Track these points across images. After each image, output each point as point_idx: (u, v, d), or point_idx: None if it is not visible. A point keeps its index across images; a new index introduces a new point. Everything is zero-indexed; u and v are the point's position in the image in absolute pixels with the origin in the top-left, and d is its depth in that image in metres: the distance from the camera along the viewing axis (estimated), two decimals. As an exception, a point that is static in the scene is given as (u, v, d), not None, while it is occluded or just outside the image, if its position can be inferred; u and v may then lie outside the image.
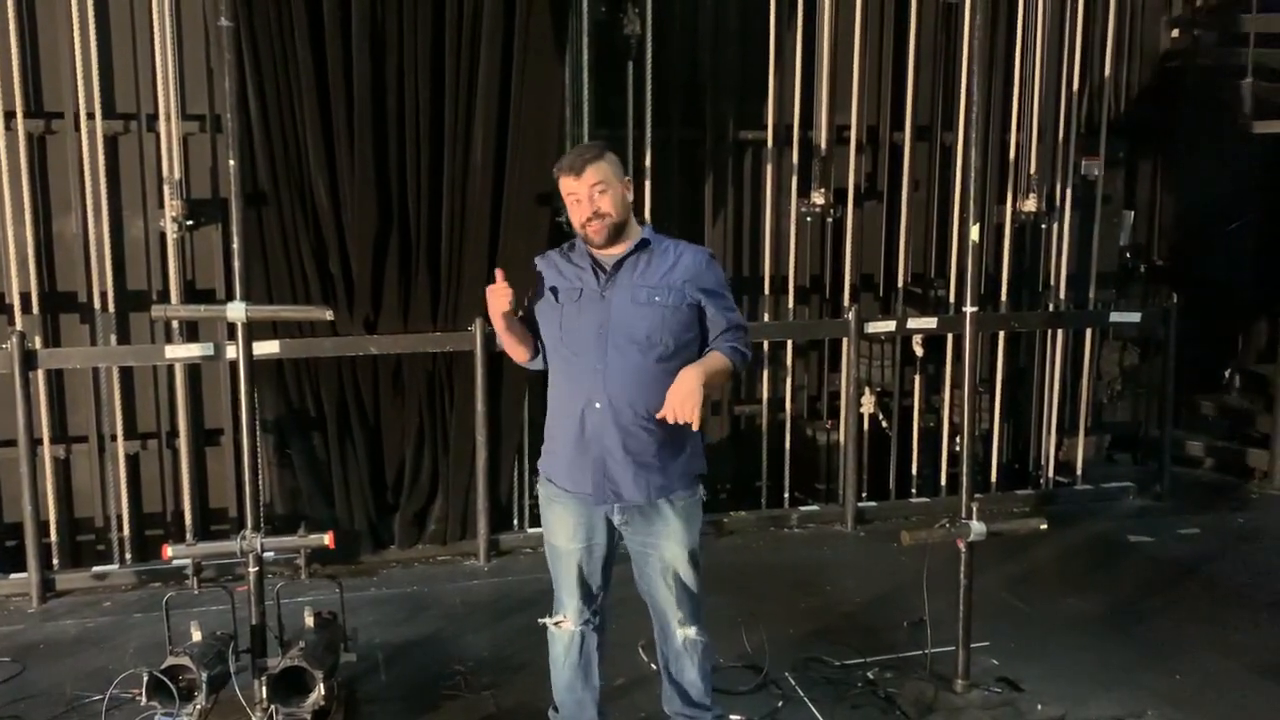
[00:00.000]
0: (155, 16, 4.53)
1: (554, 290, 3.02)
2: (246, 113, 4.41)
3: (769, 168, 5.44)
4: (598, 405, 2.94)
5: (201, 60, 4.66)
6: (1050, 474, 5.93)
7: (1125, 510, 5.79)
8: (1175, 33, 6.08)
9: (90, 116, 4.55)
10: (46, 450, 4.64)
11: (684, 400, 2.78)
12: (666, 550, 3.03)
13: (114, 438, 4.75)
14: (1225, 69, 5.85)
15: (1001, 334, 5.72)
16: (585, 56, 4.99)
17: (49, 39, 4.55)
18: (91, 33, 4.51)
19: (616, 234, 2.94)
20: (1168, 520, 5.58)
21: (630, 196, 2.98)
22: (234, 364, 4.44)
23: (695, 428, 2.84)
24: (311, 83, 4.48)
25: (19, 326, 4.50)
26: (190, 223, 4.64)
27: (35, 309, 4.59)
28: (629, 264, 2.98)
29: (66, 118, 4.58)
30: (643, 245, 2.99)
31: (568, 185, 2.93)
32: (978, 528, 3.58)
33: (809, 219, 5.47)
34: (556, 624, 3.16)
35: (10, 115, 4.48)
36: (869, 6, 5.43)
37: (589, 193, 2.90)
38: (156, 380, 4.83)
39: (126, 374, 4.77)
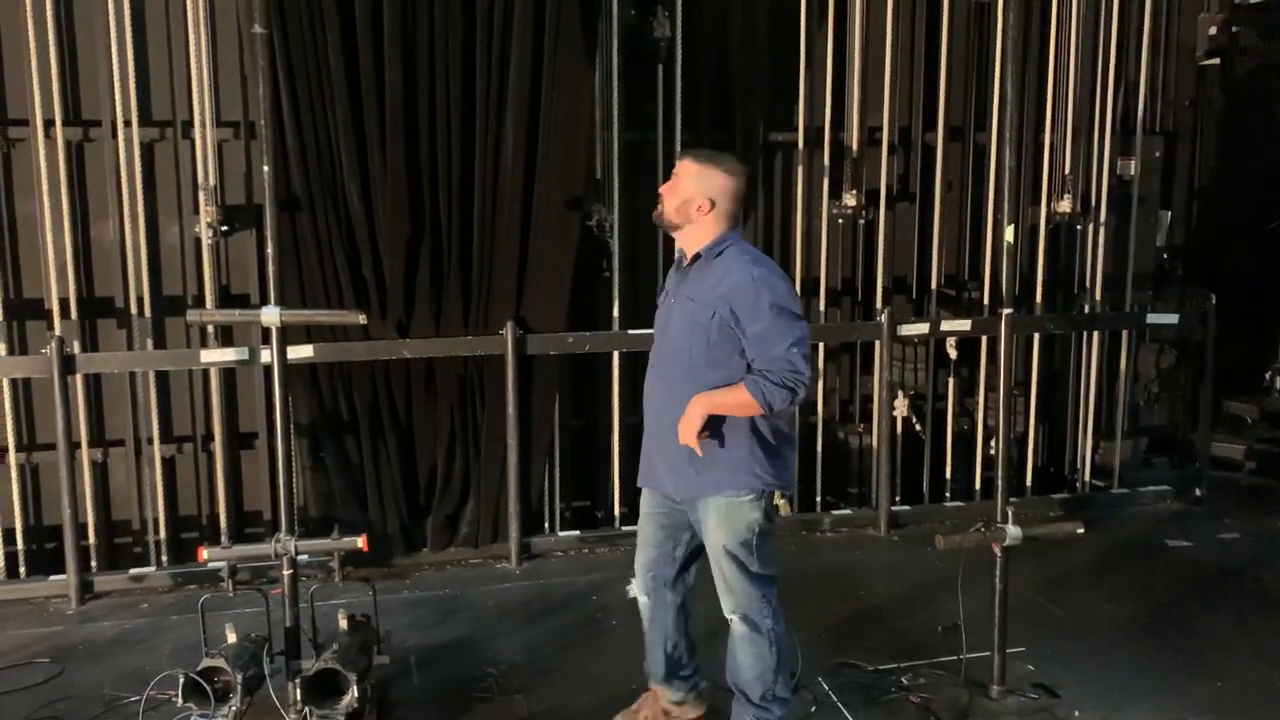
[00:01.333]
0: (190, 24, 4.58)
1: (664, 290, 3.31)
2: (280, 119, 4.44)
3: (800, 169, 5.42)
4: (648, 399, 3.24)
5: (235, 67, 4.71)
6: (1086, 477, 5.86)
7: (1163, 514, 5.71)
8: (1213, 29, 5.99)
9: (127, 124, 4.60)
10: (85, 453, 4.70)
11: (682, 426, 2.98)
12: (708, 540, 3.17)
13: (150, 441, 4.80)
14: (1266, 66, 5.76)
15: (1036, 336, 5.66)
16: (615, 60, 4.98)
17: (87, 48, 4.61)
18: (128, 41, 4.56)
19: (670, 227, 3.15)
20: (1207, 524, 5.50)
21: (698, 209, 3.07)
22: (268, 368, 4.47)
23: (700, 453, 3.00)
24: (344, 88, 4.51)
25: (58, 331, 4.56)
26: (225, 228, 4.68)
27: (74, 314, 4.65)
28: (694, 272, 3.13)
29: (104, 125, 4.64)
30: (706, 254, 3.09)
31: None
32: (1013, 532, 3.55)
33: (840, 221, 5.44)
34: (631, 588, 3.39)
35: (50, 124, 4.54)
36: (900, 7, 5.39)
37: (671, 181, 3.13)
38: (192, 384, 4.88)
39: (162, 378, 4.82)
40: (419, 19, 4.55)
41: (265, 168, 3.44)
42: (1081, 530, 3.83)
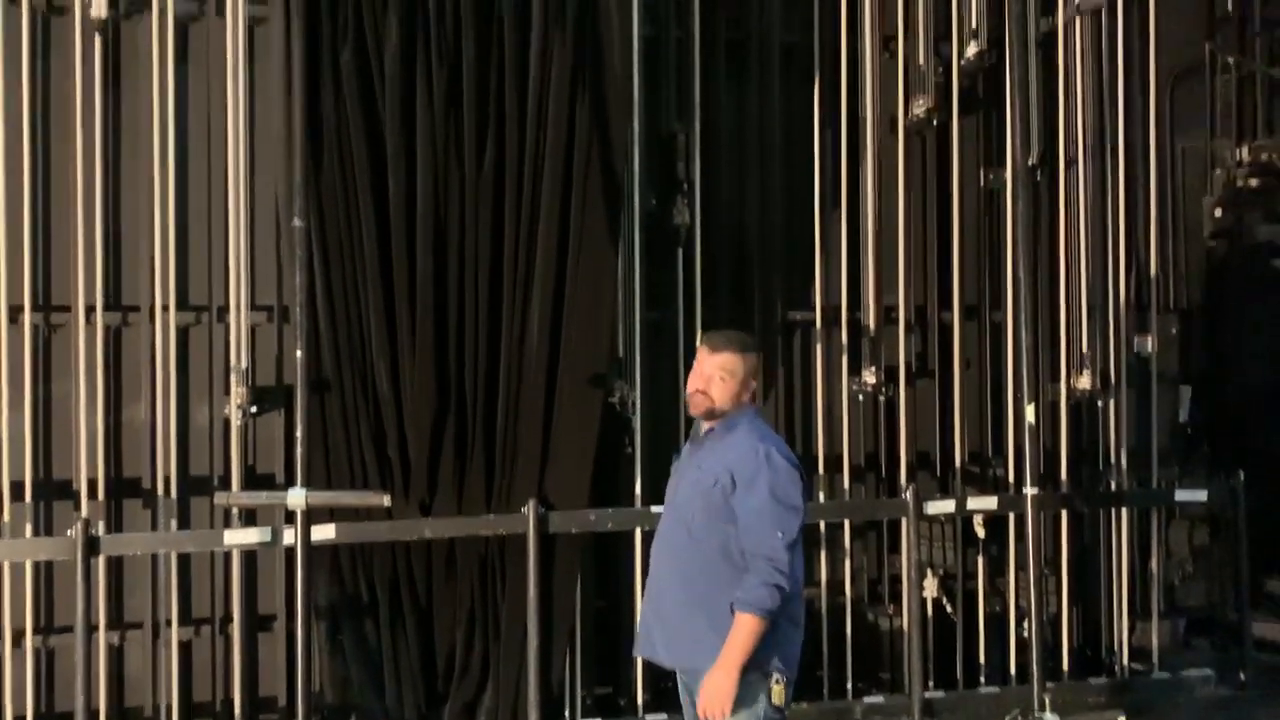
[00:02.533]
0: (231, 215, 4.78)
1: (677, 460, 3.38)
2: (313, 304, 4.57)
3: (818, 347, 5.50)
4: (652, 566, 3.24)
5: (272, 253, 4.87)
6: (1125, 660, 5.65)
7: (1208, 700, 5.48)
8: (1218, 212, 6.17)
9: (165, 309, 4.75)
10: (101, 637, 4.63)
11: (709, 705, 2.93)
12: None
13: (169, 623, 4.74)
14: (1268, 245, 5.91)
15: (1064, 513, 5.58)
16: (637, 243, 5.15)
17: (131, 237, 4.82)
18: (171, 231, 4.76)
19: (711, 415, 3.16)
20: (1255, 711, 5.28)
21: (746, 396, 3.17)
22: (290, 549, 4.46)
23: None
24: (376, 272, 4.66)
25: (84, 513, 4.57)
26: (254, 409, 4.76)
27: (100, 495, 4.67)
28: (708, 442, 3.19)
29: (142, 311, 4.79)
30: (721, 427, 3.16)
31: (701, 354, 3.22)
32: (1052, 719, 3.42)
33: (861, 397, 5.48)
34: None
35: (90, 310, 4.69)
36: (911, 189, 5.59)
37: (710, 371, 3.14)
38: (213, 564, 4.85)
39: (184, 558, 4.79)
40: (450, 206, 4.74)
41: (298, 353, 3.54)
42: (1123, 718, 3.68)
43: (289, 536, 4.45)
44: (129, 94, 4.83)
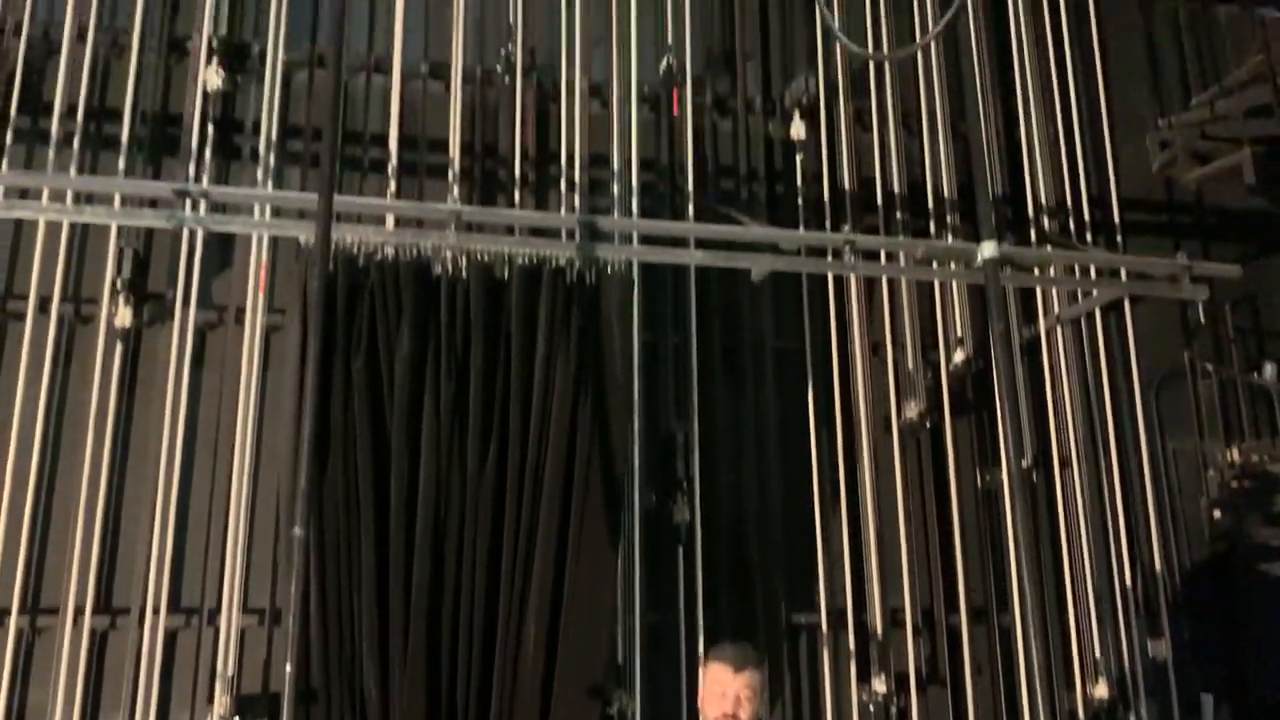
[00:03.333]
0: (231, 520, 4.78)
1: None
2: (306, 613, 4.47)
3: (825, 651, 5.34)
4: None
5: (268, 556, 4.84)
6: None
7: None
8: (1216, 514, 6.16)
9: (155, 612, 4.66)
10: None
11: None
12: None
13: None
14: (1271, 550, 5.88)
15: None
16: (637, 544, 5.12)
17: (128, 538, 4.79)
18: (170, 533, 4.74)
19: None
20: None
21: (764, 713, 3.09)
22: None
23: None
24: (372, 582, 4.57)
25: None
26: (236, 720, 4.57)
27: (61, 823, 4.39)
28: None
29: (131, 614, 4.69)
30: None
31: (721, 675, 3.07)
32: None
33: (872, 708, 5.26)
34: None
35: (80, 612, 4.60)
36: (909, 490, 5.61)
37: (737, 692, 3.03)
38: None
39: None
40: (451, 511, 4.71)
41: (288, 667, 3.42)
42: None
43: None
44: (142, 397, 4.97)
